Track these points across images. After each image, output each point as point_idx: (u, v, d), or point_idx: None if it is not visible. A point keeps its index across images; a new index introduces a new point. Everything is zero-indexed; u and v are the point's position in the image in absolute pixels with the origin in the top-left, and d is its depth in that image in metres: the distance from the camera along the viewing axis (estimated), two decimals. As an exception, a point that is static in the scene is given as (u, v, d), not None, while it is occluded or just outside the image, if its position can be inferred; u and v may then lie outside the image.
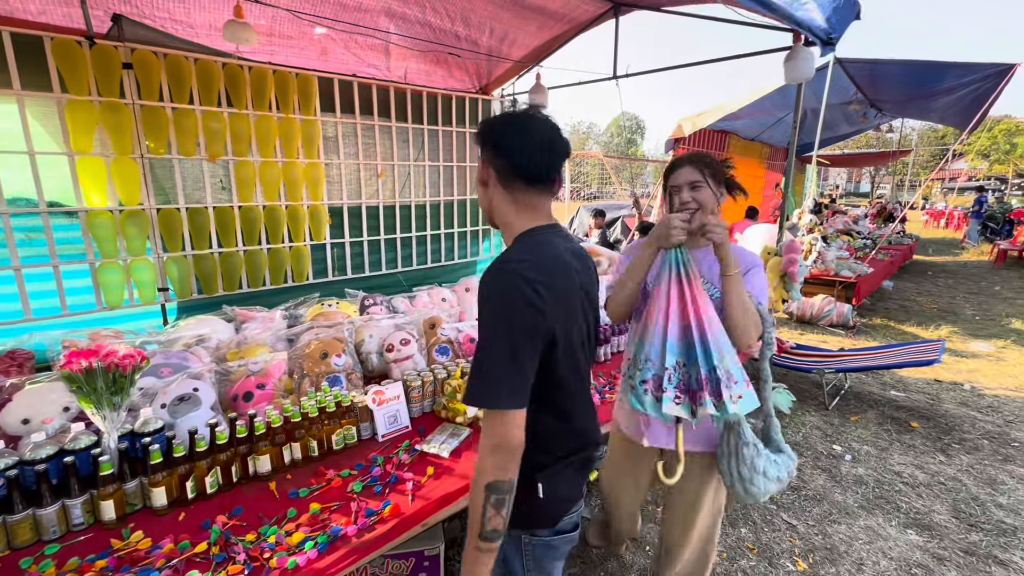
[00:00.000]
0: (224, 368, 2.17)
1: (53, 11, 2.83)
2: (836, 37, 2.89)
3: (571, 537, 1.17)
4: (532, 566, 1.13)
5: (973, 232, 13.60)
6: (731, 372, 1.35)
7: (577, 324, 1.11)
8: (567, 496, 1.14)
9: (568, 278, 1.07)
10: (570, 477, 1.15)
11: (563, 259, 1.07)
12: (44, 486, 1.49)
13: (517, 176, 1.08)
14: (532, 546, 1.12)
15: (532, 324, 0.98)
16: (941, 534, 2.47)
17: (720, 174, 1.65)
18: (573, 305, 1.09)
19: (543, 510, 1.09)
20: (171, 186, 3.18)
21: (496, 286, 1.00)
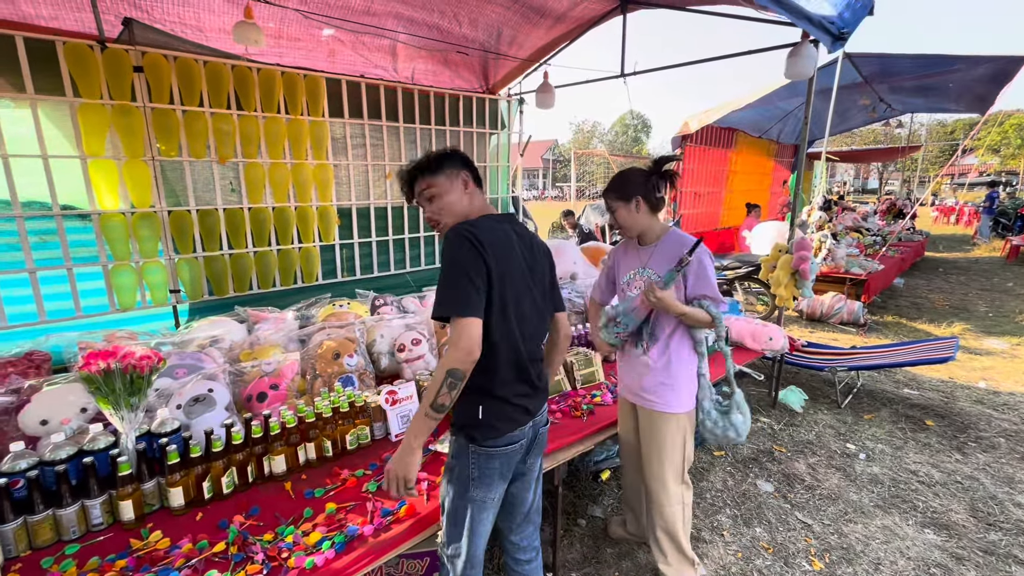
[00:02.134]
0: (238, 369, 2.18)
1: (65, 16, 2.85)
2: (848, 32, 2.86)
3: (508, 451, 1.47)
4: (476, 472, 1.45)
5: (984, 228, 13.44)
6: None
7: (518, 268, 1.46)
8: (499, 420, 1.46)
9: (505, 237, 1.46)
10: (507, 410, 1.47)
11: (502, 228, 1.49)
12: (64, 486, 1.51)
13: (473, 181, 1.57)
14: (481, 455, 1.45)
15: (477, 257, 1.34)
16: (959, 533, 2.44)
17: (631, 186, 1.89)
18: (509, 256, 1.44)
19: (484, 427, 1.44)
20: (182, 188, 3.20)
21: (449, 240, 1.39)
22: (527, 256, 1.53)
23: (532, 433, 1.55)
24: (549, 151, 44.42)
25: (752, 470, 2.99)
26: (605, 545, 2.38)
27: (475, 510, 1.48)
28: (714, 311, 1.84)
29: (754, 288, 6.58)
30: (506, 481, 1.53)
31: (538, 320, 1.57)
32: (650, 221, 1.93)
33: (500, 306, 1.41)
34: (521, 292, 1.48)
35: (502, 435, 1.45)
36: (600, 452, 2.88)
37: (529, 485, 1.64)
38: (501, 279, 1.39)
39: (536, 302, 1.55)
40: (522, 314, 1.48)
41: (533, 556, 1.72)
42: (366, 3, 3.32)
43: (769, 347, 3.37)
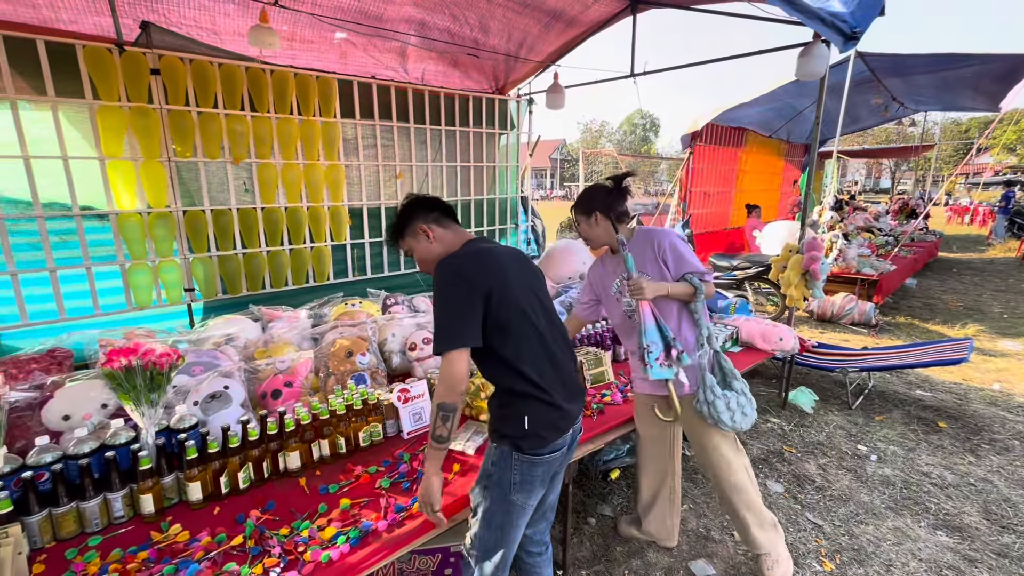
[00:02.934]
0: (253, 366, 2.22)
1: (84, 20, 2.91)
2: (860, 32, 2.84)
3: (552, 458, 1.49)
4: (518, 477, 1.46)
5: (1000, 228, 13.24)
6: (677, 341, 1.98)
7: (516, 284, 1.49)
8: (544, 428, 1.46)
9: (493, 258, 1.49)
10: (552, 417, 1.47)
11: (490, 251, 1.53)
12: (87, 480, 1.55)
13: (444, 221, 1.67)
14: (525, 463, 1.46)
15: (469, 286, 1.40)
16: (972, 536, 2.42)
17: (591, 203, 2.00)
18: (506, 273, 1.47)
19: (531, 437, 1.44)
20: (196, 188, 3.25)
21: (435, 276, 1.48)
22: (521, 266, 1.60)
23: (572, 438, 1.58)
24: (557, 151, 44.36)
25: (762, 470, 2.99)
26: (615, 544, 2.39)
27: (514, 515, 1.50)
28: (696, 281, 1.97)
29: (764, 288, 6.55)
30: (545, 487, 1.55)
31: (557, 323, 1.61)
32: (611, 233, 2.02)
33: (514, 313, 1.45)
34: (529, 298, 1.52)
35: (548, 443, 1.47)
36: (610, 451, 2.89)
37: (556, 486, 1.68)
38: (502, 290, 1.44)
39: (546, 306, 1.60)
40: (538, 318, 1.52)
41: (543, 550, 1.75)
42: (379, 7, 3.35)
43: (779, 347, 3.36)
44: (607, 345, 2.99)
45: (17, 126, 2.63)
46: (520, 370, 1.44)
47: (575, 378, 1.62)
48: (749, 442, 3.30)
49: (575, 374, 1.63)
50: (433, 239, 1.60)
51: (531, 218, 5.82)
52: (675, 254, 1.98)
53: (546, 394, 1.46)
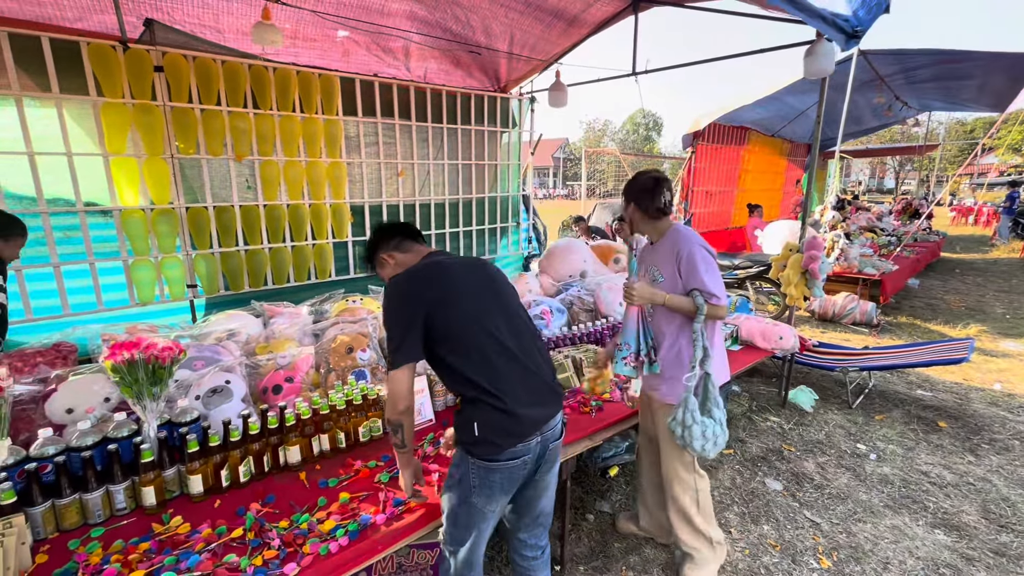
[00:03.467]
0: (254, 362, 2.24)
1: (89, 17, 2.93)
2: (862, 31, 2.84)
3: (511, 465, 1.46)
4: (477, 481, 1.46)
5: (1004, 229, 13.16)
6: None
7: (463, 293, 1.51)
8: (496, 435, 1.44)
9: (439, 272, 1.53)
10: (506, 424, 1.44)
11: (436, 264, 1.57)
12: (90, 472, 1.57)
13: (402, 242, 1.69)
14: (481, 469, 1.45)
15: (406, 305, 1.46)
16: (970, 535, 2.42)
17: (629, 188, 2.04)
18: (452, 286, 1.51)
19: (482, 444, 1.44)
20: (199, 185, 3.27)
21: (384, 292, 1.55)
22: (481, 277, 1.60)
23: (540, 448, 1.52)
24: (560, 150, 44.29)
25: (761, 468, 2.99)
26: (613, 540, 2.40)
27: (475, 517, 1.49)
28: (699, 300, 1.89)
29: (765, 287, 6.54)
30: (509, 494, 1.52)
31: (525, 331, 1.58)
32: (654, 223, 2.04)
33: (462, 324, 1.47)
34: (485, 307, 1.52)
35: (503, 450, 1.44)
36: (608, 448, 2.90)
37: (542, 493, 1.64)
38: (448, 303, 1.47)
39: (511, 314, 1.58)
40: (497, 327, 1.50)
41: (539, 554, 1.73)
42: (381, 3, 3.36)
43: (779, 346, 3.36)
44: (606, 343, 3.00)
45: (22, 122, 2.65)
46: (469, 378, 1.46)
47: (547, 386, 1.56)
48: (748, 440, 3.30)
49: (547, 382, 1.57)
50: (395, 264, 1.65)
51: (532, 218, 5.83)
52: (689, 266, 1.92)
53: (499, 401, 1.43)
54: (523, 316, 1.64)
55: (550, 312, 3.13)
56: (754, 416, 3.65)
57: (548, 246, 5.05)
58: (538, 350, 1.60)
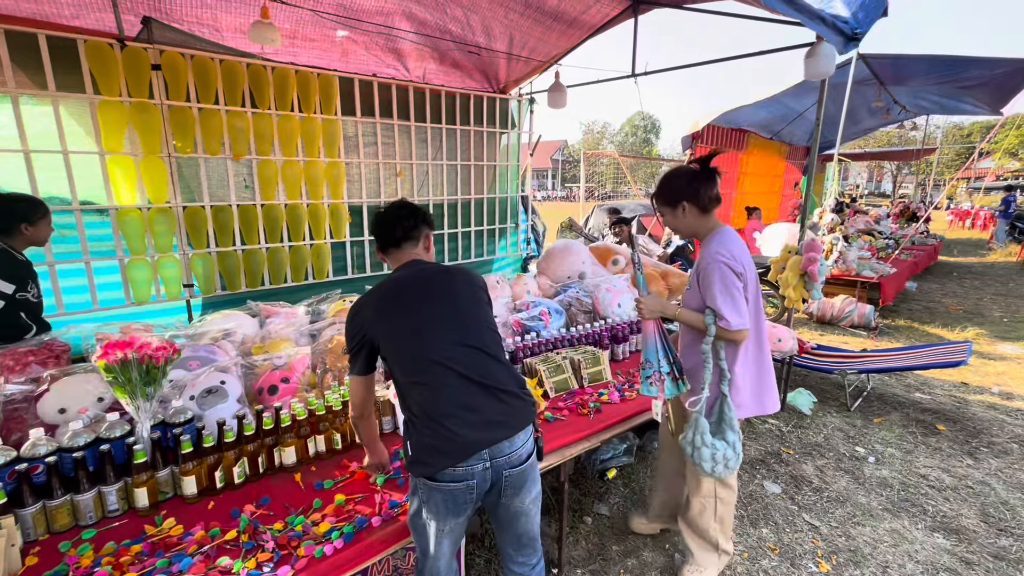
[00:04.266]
0: (249, 362, 2.21)
1: (86, 15, 2.91)
2: (861, 33, 2.84)
3: (452, 488, 1.40)
4: (425, 497, 1.43)
5: (1000, 232, 13.20)
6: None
7: (416, 310, 1.51)
8: (428, 455, 1.41)
9: (397, 291, 1.55)
10: (437, 444, 1.40)
11: (397, 284, 1.57)
12: (81, 472, 1.55)
13: (384, 246, 1.68)
14: (424, 487, 1.43)
15: (354, 327, 1.54)
16: (969, 538, 2.41)
17: (675, 191, 1.90)
18: (404, 303, 1.52)
19: (415, 463, 1.44)
20: (196, 184, 3.26)
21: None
22: (441, 290, 1.57)
23: (491, 475, 1.42)
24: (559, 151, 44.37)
25: (759, 471, 2.98)
26: (611, 543, 2.38)
27: (431, 532, 1.45)
28: (708, 319, 1.81)
29: (764, 290, 6.54)
30: (461, 516, 1.45)
31: (480, 350, 1.50)
32: (699, 223, 1.91)
33: (403, 343, 1.49)
34: (434, 325, 1.49)
35: (436, 471, 1.38)
36: (607, 450, 2.89)
37: (515, 519, 1.56)
38: (390, 323, 1.50)
39: (471, 329, 1.52)
40: (446, 345, 1.46)
41: (530, 568, 1.64)
42: (379, 4, 3.35)
43: (778, 349, 3.35)
44: (605, 344, 2.99)
45: (18, 120, 2.64)
46: (406, 397, 1.49)
47: (500, 410, 1.46)
48: (748, 443, 3.29)
49: (505, 396, 1.48)
50: (390, 261, 1.70)
51: (531, 217, 5.82)
52: (705, 281, 1.82)
53: (433, 423, 1.39)
54: (484, 337, 1.54)
55: (548, 313, 3.12)
56: (752, 419, 3.64)
57: (546, 247, 5.04)
58: (499, 371, 1.51)
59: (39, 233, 2.39)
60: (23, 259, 2.39)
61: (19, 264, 2.34)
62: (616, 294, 3.36)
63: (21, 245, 2.39)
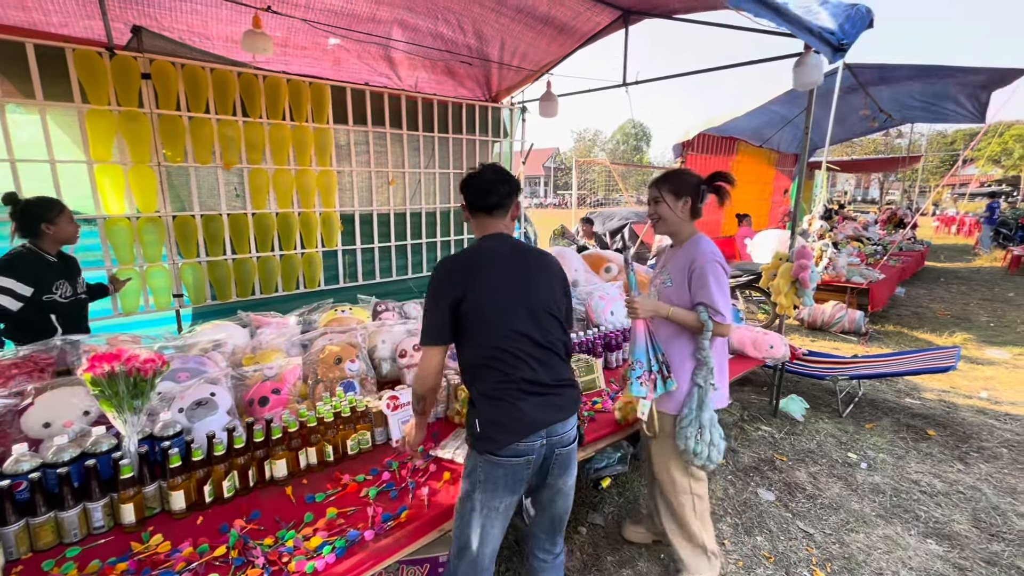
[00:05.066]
0: (240, 373, 2.19)
1: (75, 24, 2.89)
2: (848, 44, 2.89)
3: (513, 463, 1.48)
4: (483, 476, 1.50)
5: (985, 238, 13.44)
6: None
7: (498, 289, 1.52)
8: (495, 431, 1.48)
9: (486, 263, 1.56)
10: (504, 422, 1.48)
11: (482, 256, 1.58)
12: (66, 488, 1.51)
13: (474, 209, 1.65)
14: (485, 463, 1.50)
15: (443, 292, 1.51)
16: (962, 544, 2.42)
17: (685, 185, 1.97)
18: (487, 279, 1.53)
19: (483, 439, 1.49)
20: (187, 194, 3.24)
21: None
22: (522, 266, 1.58)
23: (546, 451, 1.52)
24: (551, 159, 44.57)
25: (753, 479, 2.98)
26: (606, 553, 2.37)
27: (481, 514, 1.50)
28: (703, 316, 1.88)
29: (755, 297, 6.59)
30: (515, 494, 1.53)
31: (549, 330, 1.56)
32: (686, 223, 2.01)
33: (484, 315, 1.50)
34: (513, 300, 1.53)
35: (501, 446, 1.46)
36: (600, 459, 2.87)
37: (557, 499, 1.65)
38: (474, 293, 1.50)
39: (527, 310, 1.54)
40: (511, 324, 1.51)
41: (552, 558, 1.74)
42: (371, 10, 3.36)
43: (770, 355, 3.37)
44: (598, 352, 2.98)
45: (3, 129, 2.61)
46: (475, 377, 1.54)
47: (558, 391, 1.55)
48: (740, 450, 3.29)
49: (560, 388, 1.56)
50: (474, 225, 1.69)
51: (524, 224, 5.83)
52: (700, 279, 1.89)
53: (502, 402, 1.48)
54: (556, 316, 1.60)
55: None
56: (745, 425, 3.65)
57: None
58: (561, 355, 1.60)
59: (62, 231, 2.41)
60: (52, 260, 2.42)
61: (45, 266, 2.37)
62: (609, 302, 3.37)
63: (50, 246, 2.42)
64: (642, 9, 3.77)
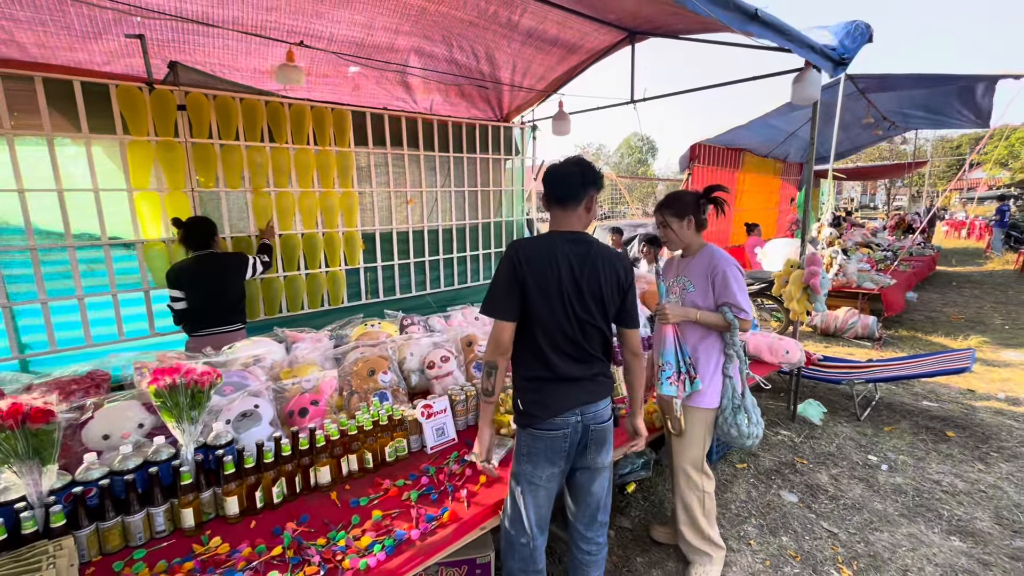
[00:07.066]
0: (280, 386, 2.29)
1: (116, 62, 3.09)
2: (849, 58, 3.01)
3: (551, 435, 1.66)
4: (526, 448, 1.68)
5: (997, 241, 13.39)
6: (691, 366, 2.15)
7: (555, 285, 1.62)
8: (533, 407, 1.67)
9: (549, 255, 1.64)
10: (540, 398, 1.66)
11: (552, 246, 1.66)
12: (132, 495, 1.61)
13: (547, 200, 1.75)
14: (527, 436, 1.68)
15: (512, 272, 1.62)
16: (985, 540, 2.45)
17: (685, 206, 2.17)
18: (547, 271, 1.62)
19: (523, 413, 1.69)
20: (218, 217, 3.38)
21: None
22: (574, 266, 1.66)
23: (581, 427, 1.68)
24: (555, 174, 44.84)
25: (775, 481, 3.03)
26: (635, 554, 2.42)
27: (524, 487, 1.67)
28: (729, 316, 2.06)
29: (768, 304, 6.63)
30: (555, 466, 1.68)
31: (576, 329, 1.66)
32: (694, 237, 2.21)
33: (538, 304, 1.64)
34: (554, 296, 1.64)
35: (539, 420, 1.65)
36: (624, 465, 2.93)
37: (594, 479, 1.77)
38: (535, 280, 1.62)
39: (574, 307, 1.65)
40: (556, 321, 1.64)
41: (596, 549, 1.83)
42: (389, 40, 3.54)
43: (786, 360, 3.43)
44: (618, 360, 3.06)
45: (52, 161, 2.77)
46: (520, 357, 1.70)
47: (591, 376, 1.71)
48: (761, 454, 3.34)
49: (593, 373, 1.71)
50: (550, 216, 1.78)
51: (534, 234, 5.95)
52: (723, 283, 2.08)
53: (544, 383, 1.67)
54: (601, 312, 1.70)
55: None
56: (765, 430, 3.69)
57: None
58: (596, 351, 1.72)
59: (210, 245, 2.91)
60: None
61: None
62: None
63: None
64: (647, 30, 3.92)
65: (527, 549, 1.70)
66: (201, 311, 2.87)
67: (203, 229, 2.89)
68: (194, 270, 2.84)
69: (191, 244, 2.86)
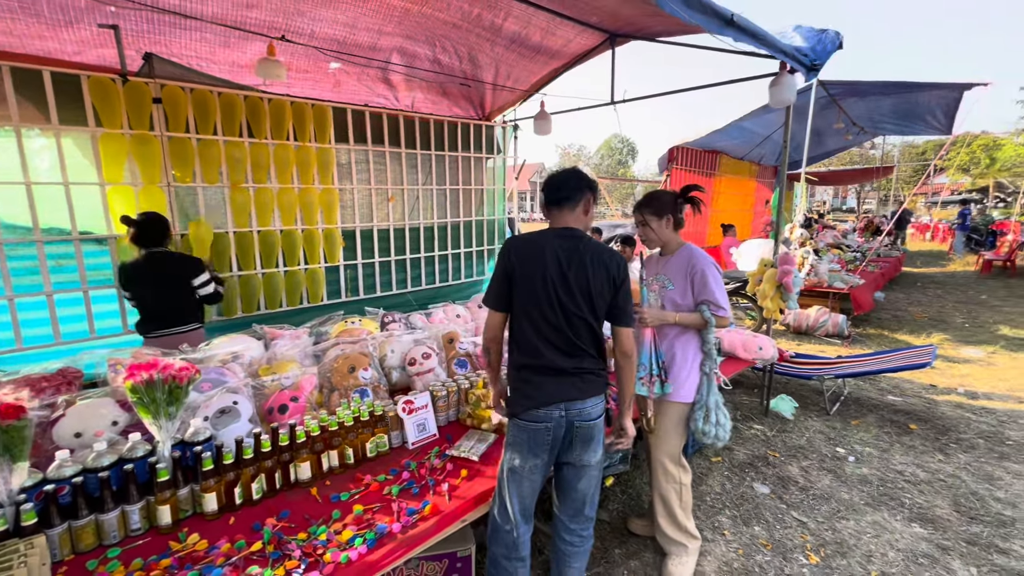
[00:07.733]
0: (259, 382, 2.27)
1: (88, 51, 3.01)
2: (820, 64, 3.12)
3: (534, 427, 1.72)
4: (511, 438, 1.77)
5: (959, 244, 13.95)
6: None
7: (540, 276, 1.70)
8: (517, 397, 1.77)
9: (538, 248, 1.73)
10: (524, 389, 1.75)
11: (543, 240, 1.75)
12: (106, 492, 1.58)
13: (546, 204, 1.86)
14: (513, 426, 1.77)
15: (503, 265, 1.76)
16: (944, 527, 2.58)
17: (664, 205, 2.23)
18: (535, 264, 1.71)
19: (511, 404, 1.80)
20: (194, 212, 3.33)
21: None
22: (561, 259, 1.71)
23: (564, 423, 1.71)
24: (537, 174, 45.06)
25: (748, 474, 3.12)
26: (613, 546, 2.47)
27: (509, 476, 1.74)
28: (707, 314, 2.13)
29: (743, 303, 6.80)
30: (537, 458, 1.72)
31: (561, 318, 1.70)
32: (672, 236, 2.27)
33: (524, 296, 1.73)
34: (548, 286, 1.70)
35: (523, 410, 1.72)
36: (603, 459, 2.98)
37: (580, 476, 1.81)
38: (521, 273, 1.72)
39: (559, 295, 1.70)
40: (541, 311, 1.71)
41: (579, 541, 1.87)
42: (372, 40, 3.52)
43: (759, 356, 3.53)
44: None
45: (20, 153, 2.69)
46: (511, 346, 1.82)
47: (577, 371, 1.73)
48: (735, 448, 3.43)
49: (583, 372, 1.74)
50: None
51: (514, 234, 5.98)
52: (702, 281, 2.14)
53: (529, 373, 1.74)
54: (589, 308, 1.72)
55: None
56: (739, 424, 3.80)
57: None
58: (584, 345, 1.74)
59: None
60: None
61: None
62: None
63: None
64: (627, 32, 3.99)
65: (511, 536, 1.74)
66: (153, 311, 2.76)
67: (157, 227, 2.74)
68: (144, 268, 2.71)
69: (143, 242, 2.71)
